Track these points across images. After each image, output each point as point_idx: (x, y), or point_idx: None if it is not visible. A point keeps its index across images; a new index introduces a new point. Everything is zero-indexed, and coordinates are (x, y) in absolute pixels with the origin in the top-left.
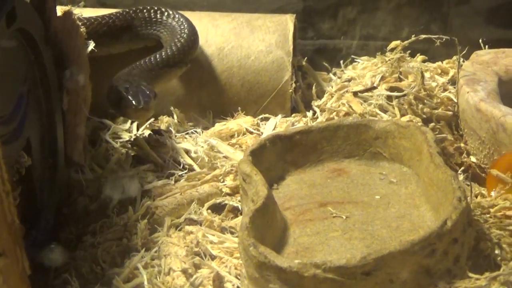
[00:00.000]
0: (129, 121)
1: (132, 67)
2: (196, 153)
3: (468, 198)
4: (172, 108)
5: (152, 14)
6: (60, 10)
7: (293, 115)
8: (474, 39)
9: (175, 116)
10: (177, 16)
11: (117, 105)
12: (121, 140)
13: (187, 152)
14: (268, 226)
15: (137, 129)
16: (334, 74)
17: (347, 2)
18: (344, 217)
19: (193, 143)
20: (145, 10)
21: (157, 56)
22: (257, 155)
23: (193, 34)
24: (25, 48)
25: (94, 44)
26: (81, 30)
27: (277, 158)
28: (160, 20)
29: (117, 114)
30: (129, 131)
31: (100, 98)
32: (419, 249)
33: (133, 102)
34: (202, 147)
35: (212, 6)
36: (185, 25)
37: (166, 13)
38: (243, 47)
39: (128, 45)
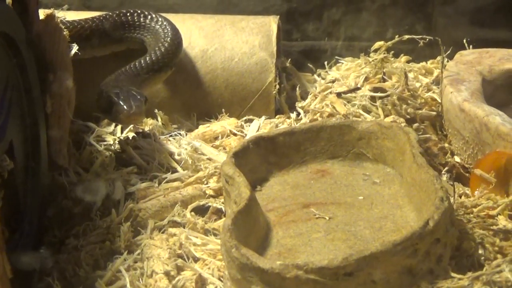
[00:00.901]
0: (113, 124)
1: (118, 73)
2: (180, 155)
3: (452, 198)
4: (156, 110)
5: (135, 18)
6: (42, 13)
7: (277, 116)
8: (458, 39)
9: (159, 119)
10: (160, 19)
11: (108, 111)
12: (105, 143)
13: (171, 154)
14: (251, 227)
15: (121, 132)
16: (319, 75)
17: (332, 3)
18: (327, 218)
19: (177, 146)
20: (128, 14)
21: (142, 61)
22: (240, 156)
23: (176, 38)
24: (7, 51)
25: (77, 47)
26: (64, 33)
27: (260, 160)
28: (143, 23)
29: (109, 120)
30: (113, 133)
31: (84, 101)
32: (401, 250)
33: (125, 107)
34: (186, 149)
35: (196, 8)
36: (169, 29)
37: (149, 17)
38: (227, 49)
39: (112, 48)
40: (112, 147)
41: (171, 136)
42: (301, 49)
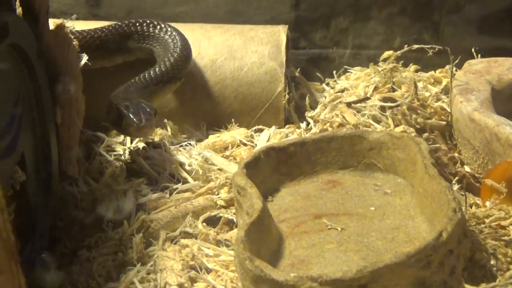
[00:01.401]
0: (122, 135)
1: (127, 84)
2: (191, 165)
3: (463, 208)
4: (165, 120)
5: (145, 28)
6: (52, 23)
7: (286, 126)
8: (466, 48)
9: (168, 129)
10: (170, 29)
11: (118, 123)
12: (115, 153)
13: (182, 164)
14: (263, 239)
15: (131, 142)
16: (327, 84)
17: (339, 12)
18: (339, 229)
19: (187, 156)
20: (138, 24)
21: (151, 72)
22: (252, 167)
23: (186, 48)
24: (18, 63)
25: (87, 58)
26: (74, 43)
27: (271, 170)
28: (153, 34)
29: (119, 133)
30: (123, 144)
31: (94, 111)
32: (415, 261)
33: (135, 120)
34: (196, 159)
35: (203, 17)
36: (178, 39)
37: (159, 27)
38: (236, 58)
39: (121, 58)
40: (122, 157)
41: (181, 146)
42: (308, 58)
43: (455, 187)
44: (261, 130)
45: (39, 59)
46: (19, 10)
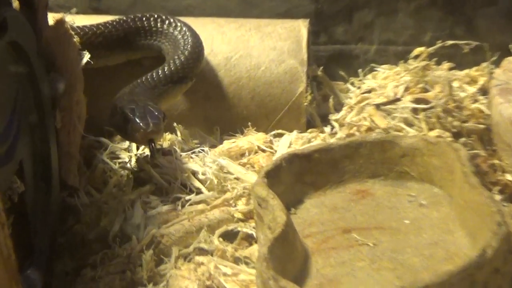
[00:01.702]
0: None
1: (133, 85)
2: (204, 174)
3: (508, 221)
4: (175, 124)
5: (152, 23)
6: (51, 18)
7: (309, 130)
8: (503, 43)
9: (178, 133)
10: (179, 24)
11: (123, 129)
12: (119, 160)
13: (194, 173)
14: (288, 256)
15: (137, 149)
16: (352, 84)
17: (363, 4)
18: (371, 245)
19: (201, 164)
20: (144, 19)
21: (160, 72)
22: (273, 176)
23: (197, 45)
24: (17, 63)
25: (89, 56)
26: (75, 40)
27: (294, 180)
28: (161, 29)
29: (124, 139)
30: (128, 150)
31: (96, 114)
32: (457, 281)
33: (141, 124)
34: (211, 167)
35: (213, 9)
36: (189, 35)
37: (167, 22)
38: (253, 56)
39: (126, 56)
40: (128, 165)
41: (193, 153)
42: (329, 54)
43: (497, 197)
44: (280, 135)
45: (39, 58)
46: (15, 3)
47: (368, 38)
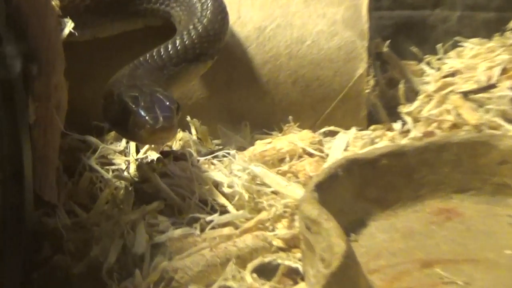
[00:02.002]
0: (124, 139)
1: (134, 65)
2: (231, 187)
3: None
4: (188, 118)
5: None
6: None
7: (371, 127)
8: None
9: (193, 131)
10: None
11: (121, 124)
12: (113, 167)
13: (217, 185)
14: None
15: (137, 151)
16: (429, 64)
17: None
18: (461, 284)
19: (226, 172)
20: None
21: (169, 47)
22: (326, 190)
23: (220, 11)
24: None
25: (72, 25)
26: (53, 3)
27: (354, 195)
28: None
29: (123, 137)
30: (125, 153)
31: (82, 104)
32: None
33: (147, 119)
34: (240, 177)
35: None
36: None
37: None
38: (294, 26)
39: (123, 26)
40: (126, 173)
41: (214, 157)
42: (395, 23)
43: None
44: (333, 133)
45: (8, 29)
46: None
47: (447, 0)
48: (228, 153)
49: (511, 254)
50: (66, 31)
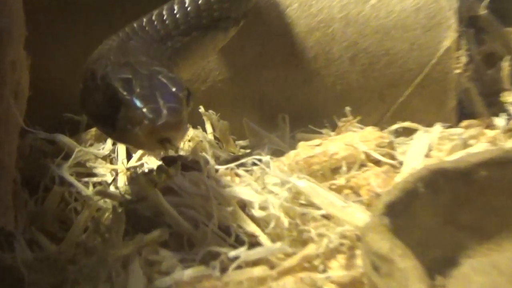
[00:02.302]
0: (110, 140)
1: (125, 34)
2: (265, 208)
3: None
4: (201, 109)
5: None
6: None
7: (463, 123)
8: None
9: (208, 128)
10: None
11: (107, 118)
12: (94, 179)
13: (244, 206)
14: None
15: (128, 157)
16: None
17: None
18: None
19: (256, 187)
20: None
21: (175, 8)
22: (401, 214)
23: None
24: None
25: None
26: None
27: (441, 220)
28: None
29: (111, 138)
30: (111, 159)
31: (51, 90)
32: None
33: (145, 112)
34: (276, 195)
35: None
36: None
37: None
38: None
39: None
40: (112, 187)
41: (240, 165)
42: None
43: None
44: (410, 132)
45: None
46: None
47: None
48: (260, 160)
49: None
50: None
